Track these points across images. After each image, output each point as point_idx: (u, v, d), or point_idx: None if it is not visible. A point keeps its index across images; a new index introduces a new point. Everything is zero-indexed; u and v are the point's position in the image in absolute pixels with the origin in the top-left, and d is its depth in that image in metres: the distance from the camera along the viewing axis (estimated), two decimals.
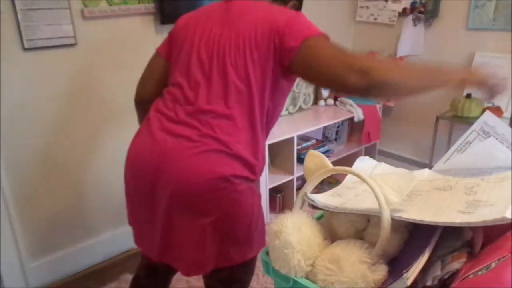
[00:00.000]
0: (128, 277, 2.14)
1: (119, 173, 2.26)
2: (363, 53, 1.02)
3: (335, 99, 3.03)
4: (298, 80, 2.83)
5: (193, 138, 1.12)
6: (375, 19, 3.05)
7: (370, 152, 3.10)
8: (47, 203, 2.05)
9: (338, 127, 3.09)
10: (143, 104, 1.40)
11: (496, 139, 0.97)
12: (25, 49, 1.80)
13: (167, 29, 2.22)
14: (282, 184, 2.62)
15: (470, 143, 1.00)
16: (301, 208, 0.99)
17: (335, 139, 3.10)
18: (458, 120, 2.51)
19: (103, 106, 2.11)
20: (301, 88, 2.86)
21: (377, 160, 1.16)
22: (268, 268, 0.94)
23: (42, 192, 2.02)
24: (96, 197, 2.21)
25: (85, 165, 2.13)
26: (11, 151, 1.88)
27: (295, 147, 2.56)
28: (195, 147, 1.11)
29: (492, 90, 1.03)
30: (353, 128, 3.07)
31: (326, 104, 3.02)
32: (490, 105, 2.46)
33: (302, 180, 2.77)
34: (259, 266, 2.16)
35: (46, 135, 1.96)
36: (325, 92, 3.01)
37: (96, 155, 2.15)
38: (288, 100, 2.81)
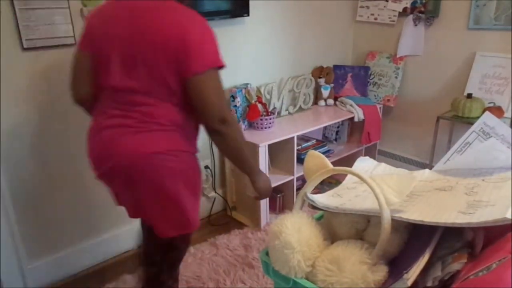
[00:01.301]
0: (128, 277, 2.14)
1: None
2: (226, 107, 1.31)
3: (335, 99, 3.03)
4: (298, 79, 2.82)
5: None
6: (375, 18, 3.04)
7: (370, 152, 3.09)
8: (46, 204, 2.05)
9: (338, 127, 3.09)
10: (85, 102, 1.48)
11: (496, 139, 0.97)
12: (24, 49, 1.80)
13: None
14: (282, 184, 2.61)
15: (470, 144, 1.00)
16: (301, 208, 0.99)
17: (335, 139, 3.10)
18: (459, 120, 2.51)
19: None
20: (301, 88, 2.86)
21: (377, 161, 1.16)
22: (268, 269, 0.94)
23: (41, 192, 2.02)
24: (96, 197, 2.21)
25: (85, 165, 2.13)
26: (10, 151, 1.87)
27: (295, 147, 2.56)
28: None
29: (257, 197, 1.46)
30: (353, 128, 3.07)
31: (326, 104, 3.02)
32: (491, 105, 2.45)
33: (302, 180, 2.77)
34: (258, 267, 2.17)
35: (45, 135, 1.96)
36: (325, 92, 3.01)
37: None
38: (288, 100, 2.81)
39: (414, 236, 0.87)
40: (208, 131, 1.31)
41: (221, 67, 1.25)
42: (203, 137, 2.57)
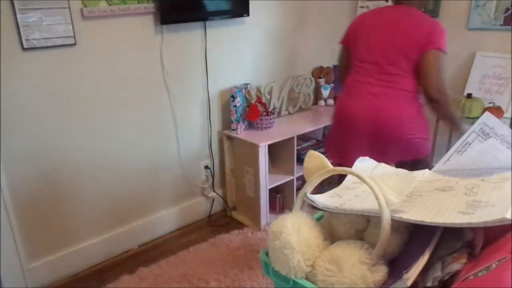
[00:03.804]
0: (128, 277, 2.14)
1: (119, 174, 2.26)
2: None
3: (335, 99, 3.03)
4: (298, 79, 2.82)
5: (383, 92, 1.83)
6: None
7: None
8: (46, 204, 2.05)
9: None
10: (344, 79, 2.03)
11: (496, 140, 0.97)
12: (24, 49, 1.80)
13: (166, 29, 2.22)
14: (282, 184, 2.62)
15: (470, 144, 1.00)
16: (301, 208, 0.99)
17: None
18: None
19: (103, 106, 2.11)
20: (301, 88, 2.86)
21: None
22: (268, 269, 0.94)
23: (41, 192, 2.02)
24: (96, 197, 2.21)
25: (85, 165, 2.13)
26: (10, 150, 1.88)
27: (295, 147, 2.56)
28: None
29: None
30: None
31: (326, 104, 3.02)
32: (491, 105, 2.45)
33: (302, 181, 2.77)
34: (258, 267, 2.17)
35: (45, 135, 1.96)
36: (325, 92, 3.01)
37: (95, 155, 2.15)
38: (288, 100, 2.81)
39: (414, 236, 0.87)
40: (427, 99, 1.79)
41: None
42: (203, 138, 2.58)
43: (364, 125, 1.85)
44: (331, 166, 0.97)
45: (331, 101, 3.01)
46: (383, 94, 1.82)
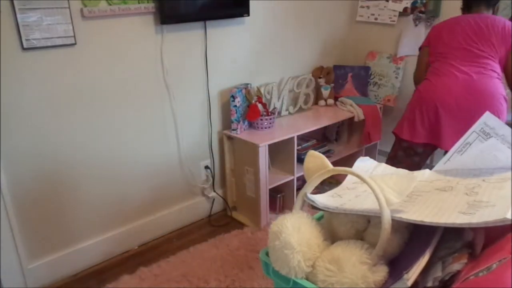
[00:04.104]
0: (128, 277, 2.14)
1: (119, 173, 2.26)
2: None
3: (336, 99, 3.03)
4: (298, 79, 2.82)
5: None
6: (376, 19, 3.04)
7: (370, 152, 3.09)
8: (46, 204, 2.05)
9: (338, 127, 3.09)
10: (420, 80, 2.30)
11: (497, 140, 0.96)
12: (24, 49, 1.79)
13: (167, 29, 2.22)
14: (282, 184, 2.61)
15: (470, 144, 0.99)
16: (301, 208, 0.99)
17: (336, 139, 3.10)
18: None
19: (103, 106, 2.11)
20: (301, 88, 2.86)
21: (377, 161, 1.16)
22: (268, 269, 0.94)
23: (41, 192, 2.02)
24: (96, 197, 2.21)
25: (85, 165, 2.13)
26: (10, 150, 1.87)
27: (295, 147, 2.56)
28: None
29: None
30: (354, 128, 3.07)
31: (326, 104, 3.02)
32: None
33: (302, 181, 2.77)
34: (258, 267, 2.17)
35: (45, 135, 1.96)
36: (325, 92, 3.01)
37: (96, 155, 2.15)
38: (288, 100, 2.81)
39: (414, 236, 0.87)
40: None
41: None
42: (203, 138, 2.58)
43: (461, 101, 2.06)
44: (331, 166, 0.97)
45: (331, 101, 3.01)
46: (476, 73, 2.06)
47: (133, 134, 2.26)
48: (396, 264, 0.83)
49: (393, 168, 1.10)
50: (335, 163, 1.32)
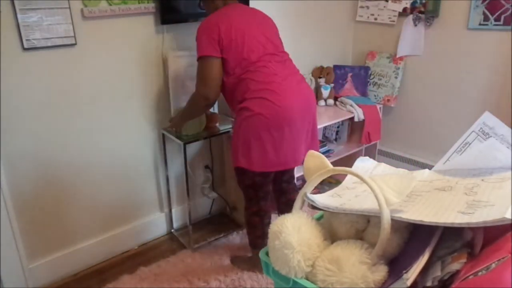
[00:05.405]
0: (128, 278, 2.14)
1: (119, 174, 2.26)
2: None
3: (335, 99, 3.03)
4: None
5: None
6: (375, 19, 3.04)
7: (370, 152, 3.09)
8: (47, 203, 2.05)
9: (338, 127, 3.09)
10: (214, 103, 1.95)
11: (496, 139, 0.97)
12: (25, 49, 1.80)
13: (167, 29, 2.22)
14: None
15: (470, 144, 1.00)
16: (301, 208, 0.99)
17: (335, 139, 3.10)
18: None
19: (103, 106, 2.11)
20: None
21: (377, 160, 1.16)
22: (268, 269, 0.94)
23: (41, 192, 2.02)
24: (96, 197, 2.21)
25: (85, 165, 2.13)
26: (10, 151, 1.88)
27: None
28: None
29: None
30: (353, 128, 3.07)
31: (326, 104, 3.02)
32: None
33: (302, 180, 2.77)
34: (258, 267, 2.17)
35: (45, 135, 1.96)
36: (325, 92, 3.01)
37: (96, 155, 2.15)
38: None
39: (414, 236, 0.87)
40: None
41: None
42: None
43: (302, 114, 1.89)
44: (331, 166, 0.98)
45: (331, 101, 3.01)
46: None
47: (133, 133, 2.26)
48: (395, 263, 0.83)
49: (393, 168, 1.11)
50: (334, 163, 1.32)
